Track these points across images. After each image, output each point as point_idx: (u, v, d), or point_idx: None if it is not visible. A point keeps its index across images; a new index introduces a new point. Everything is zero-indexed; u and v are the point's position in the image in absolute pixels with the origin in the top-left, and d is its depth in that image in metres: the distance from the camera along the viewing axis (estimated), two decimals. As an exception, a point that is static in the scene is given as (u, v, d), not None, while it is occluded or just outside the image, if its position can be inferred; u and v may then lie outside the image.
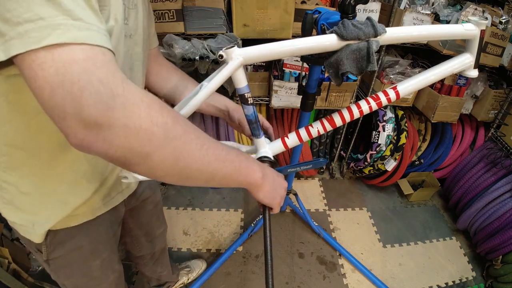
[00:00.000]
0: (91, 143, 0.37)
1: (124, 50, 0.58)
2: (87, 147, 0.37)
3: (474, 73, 0.73)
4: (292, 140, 0.75)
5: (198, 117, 1.90)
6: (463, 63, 0.72)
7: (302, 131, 0.74)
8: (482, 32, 0.68)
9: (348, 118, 0.72)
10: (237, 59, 0.60)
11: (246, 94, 0.64)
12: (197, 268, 1.66)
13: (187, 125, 0.44)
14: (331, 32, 0.60)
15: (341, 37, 0.58)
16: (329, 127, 0.73)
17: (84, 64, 0.34)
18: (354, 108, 0.71)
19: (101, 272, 0.84)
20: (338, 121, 0.72)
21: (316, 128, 0.73)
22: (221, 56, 0.60)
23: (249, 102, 0.65)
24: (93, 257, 0.79)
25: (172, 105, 0.75)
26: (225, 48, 0.59)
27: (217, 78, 0.61)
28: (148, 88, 0.86)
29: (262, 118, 0.84)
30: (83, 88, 0.34)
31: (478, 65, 0.72)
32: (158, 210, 1.14)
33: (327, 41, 0.59)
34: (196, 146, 0.44)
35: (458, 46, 1.51)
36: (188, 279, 1.63)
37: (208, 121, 1.91)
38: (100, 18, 0.39)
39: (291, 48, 0.60)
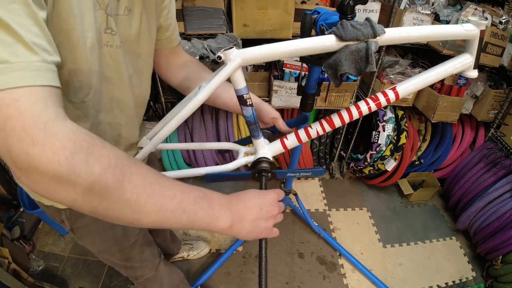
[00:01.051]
0: (25, 183, 0.37)
1: (108, 60, 0.58)
2: (24, 184, 0.38)
3: (474, 74, 0.73)
4: (291, 141, 0.75)
5: (198, 118, 1.90)
6: (462, 64, 0.71)
7: (301, 132, 0.74)
8: (482, 32, 0.67)
9: (347, 119, 0.72)
10: (235, 61, 0.60)
11: (245, 96, 0.64)
12: (199, 249, 1.70)
13: (123, 173, 0.40)
14: (330, 33, 0.60)
15: (340, 38, 0.58)
16: (328, 128, 0.73)
17: (8, 110, 0.34)
18: (353, 109, 0.71)
19: (124, 236, 0.88)
20: (337, 122, 0.72)
21: (315, 129, 0.73)
22: (220, 57, 0.60)
23: (248, 104, 0.65)
24: (114, 225, 0.83)
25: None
26: (223, 50, 0.59)
27: (216, 80, 0.61)
28: (161, 78, 0.88)
29: (268, 108, 0.83)
30: (8, 135, 0.34)
31: (478, 65, 0.72)
32: None
33: (326, 42, 0.59)
34: (133, 195, 0.41)
35: (458, 46, 1.51)
36: (188, 256, 1.68)
37: (208, 122, 1.91)
38: (41, 44, 0.38)
39: (289, 49, 0.60)
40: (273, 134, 0.84)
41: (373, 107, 0.71)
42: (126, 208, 0.41)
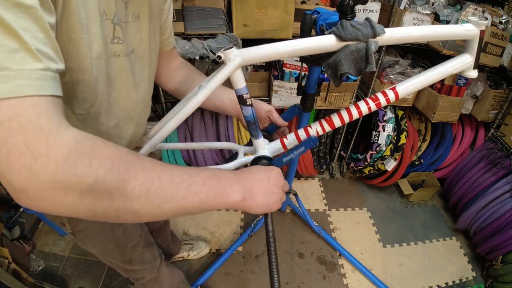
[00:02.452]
0: (25, 204, 0.36)
1: (116, 70, 0.58)
2: (24, 205, 0.36)
3: (473, 74, 0.73)
4: (290, 140, 0.75)
5: (198, 118, 1.90)
6: (462, 64, 0.71)
7: (301, 132, 0.74)
8: (482, 32, 0.67)
9: (347, 119, 0.71)
10: (235, 60, 0.60)
11: (244, 95, 0.64)
12: (199, 249, 1.71)
13: (128, 171, 0.40)
14: (330, 33, 0.60)
15: (340, 38, 0.58)
16: (328, 128, 0.73)
17: (10, 125, 0.33)
18: (353, 109, 0.71)
19: (125, 238, 0.88)
20: (337, 122, 0.72)
21: (315, 129, 0.73)
22: (220, 57, 0.60)
23: (248, 103, 0.65)
24: (116, 226, 0.84)
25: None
26: (223, 49, 0.59)
27: (216, 79, 0.61)
28: (156, 82, 0.87)
29: (260, 103, 0.86)
30: (9, 151, 0.33)
31: (478, 65, 0.72)
32: None
33: (326, 42, 0.59)
34: (142, 191, 0.41)
35: (458, 46, 1.51)
36: (188, 256, 1.68)
37: (208, 121, 1.91)
38: (46, 52, 0.36)
39: (289, 49, 0.60)
40: (270, 134, 0.84)
41: (373, 107, 0.71)
42: (137, 204, 0.41)
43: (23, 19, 0.34)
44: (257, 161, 0.72)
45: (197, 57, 1.46)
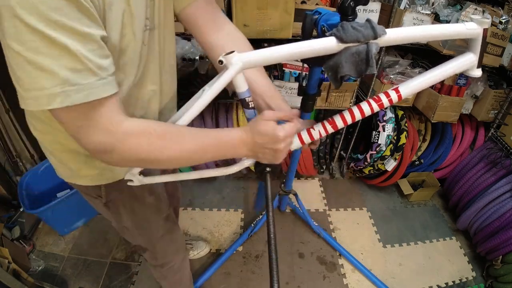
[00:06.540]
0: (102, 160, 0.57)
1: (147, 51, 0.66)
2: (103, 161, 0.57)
3: (478, 73, 0.71)
4: (294, 143, 0.74)
5: (198, 118, 1.89)
6: (466, 63, 0.70)
7: (304, 134, 0.73)
8: (485, 31, 0.66)
9: (349, 121, 0.71)
10: (236, 65, 0.59)
11: (247, 99, 0.64)
12: (199, 248, 1.71)
13: (167, 145, 0.58)
14: (330, 35, 0.59)
15: (340, 39, 0.57)
16: (330, 130, 0.72)
17: (78, 123, 0.51)
18: (355, 111, 0.71)
19: (155, 209, 0.93)
20: (340, 124, 0.71)
21: (318, 131, 0.73)
22: (221, 61, 0.59)
23: (250, 106, 0.65)
24: (148, 192, 0.87)
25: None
26: (224, 54, 0.59)
27: (218, 84, 0.61)
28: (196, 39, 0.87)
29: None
30: (82, 136, 0.52)
31: (481, 64, 0.71)
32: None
33: (326, 44, 0.59)
34: (175, 152, 0.59)
35: (458, 46, 1.51)
36: (188, 255, 1.66)
37: (208, 120, 1.91)
38: (101, 66, 0.49)
39: (290, 52, 0.59)
40: None
41: (376, 108, 0.70)
42: (173, 160, 0.61)
43: (83, 43, 0.46)
44: (261, 164, 0.72)
45: (197, 57, 1.46)
